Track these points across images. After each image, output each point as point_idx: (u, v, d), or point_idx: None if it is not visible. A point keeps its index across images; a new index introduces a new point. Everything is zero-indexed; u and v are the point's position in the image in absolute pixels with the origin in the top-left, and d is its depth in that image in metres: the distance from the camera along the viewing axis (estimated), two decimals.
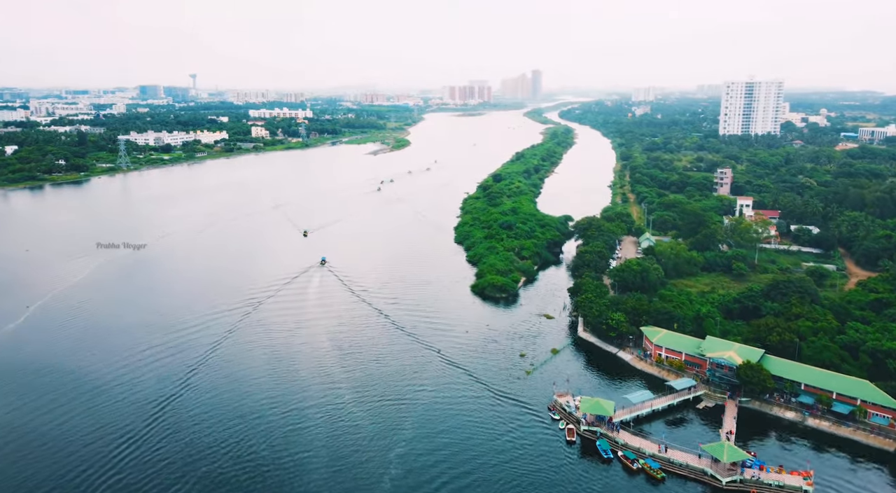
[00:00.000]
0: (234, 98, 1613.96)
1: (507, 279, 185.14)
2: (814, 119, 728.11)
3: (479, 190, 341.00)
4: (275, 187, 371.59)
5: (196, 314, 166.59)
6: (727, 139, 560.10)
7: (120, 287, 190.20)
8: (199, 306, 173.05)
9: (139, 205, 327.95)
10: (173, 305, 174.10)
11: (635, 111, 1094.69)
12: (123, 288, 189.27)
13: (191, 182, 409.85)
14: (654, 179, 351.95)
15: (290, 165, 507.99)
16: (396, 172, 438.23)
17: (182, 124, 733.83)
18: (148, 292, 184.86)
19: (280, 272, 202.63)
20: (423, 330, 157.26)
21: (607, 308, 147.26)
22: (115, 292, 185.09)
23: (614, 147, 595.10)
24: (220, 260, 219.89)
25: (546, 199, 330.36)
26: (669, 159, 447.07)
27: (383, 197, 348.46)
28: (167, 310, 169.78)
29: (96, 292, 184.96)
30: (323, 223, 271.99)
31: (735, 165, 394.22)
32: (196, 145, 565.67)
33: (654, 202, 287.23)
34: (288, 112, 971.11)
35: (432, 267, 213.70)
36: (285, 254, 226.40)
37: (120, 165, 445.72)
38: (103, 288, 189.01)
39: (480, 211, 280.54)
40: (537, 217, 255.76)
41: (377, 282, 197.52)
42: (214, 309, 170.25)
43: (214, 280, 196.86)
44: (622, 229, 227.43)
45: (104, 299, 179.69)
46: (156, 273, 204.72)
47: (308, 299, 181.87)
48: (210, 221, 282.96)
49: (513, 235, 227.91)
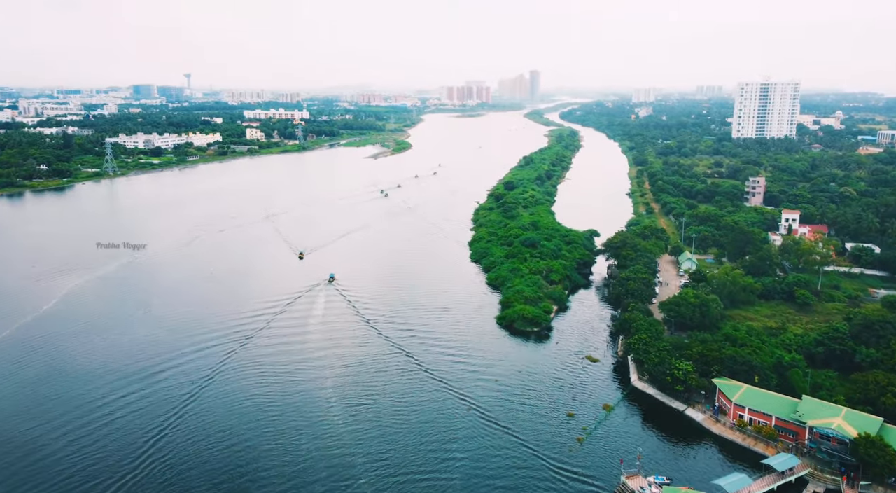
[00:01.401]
0: (229, 98, 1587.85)
1: (538, 310, 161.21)
2: (826, 121, 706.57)
3: (492, 199, 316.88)
4: (270, 195, 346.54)
5: (174, 352, 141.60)
6: (742, 142, 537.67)
7: (87, 319, 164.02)
8: (178, 340, 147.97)
9: (121, 215, 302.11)
10: (147, 339, 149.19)
11: (639, 113, 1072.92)
12: (91, 319, 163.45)
13: (180, 189, 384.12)
14: (677, 187, 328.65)
15: (287, 170, 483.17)
16: (402, 177, 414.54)
17: (174, 126, 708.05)
18: (119, 325, 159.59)
19: (277, 294, 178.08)
20: (447, 372, 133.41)
21: (668, 354, 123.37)
22: (83, 325, 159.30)
23: (624, 151, 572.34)
24: (205, 280, 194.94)
25: (562, 209, 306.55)
26: (687, 164, 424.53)
27: (390, 205, 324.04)
28: (140, 346, 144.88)
29: (61, 325, 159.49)
30: (324, 240, 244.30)
31: (759, 172, 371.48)
32: (188, 148, 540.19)
33: (684, 214, 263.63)
34: (284, 113, 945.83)
35: (449, 289, 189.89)
36: (282, 271, 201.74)
37: (106, 170, 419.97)
38: (70, 320, 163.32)
39: (496, 224, 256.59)
40: (561, 232, 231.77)
41: (389, 306, 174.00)
42: (195, 345, 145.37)
43: (198, 306, 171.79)
44: (659, 248, 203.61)
45: (69, 333, 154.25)
46: (129, 300, 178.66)
47: (310, 329, 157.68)
48: (196, 233, 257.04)
49: (538, 254, 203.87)
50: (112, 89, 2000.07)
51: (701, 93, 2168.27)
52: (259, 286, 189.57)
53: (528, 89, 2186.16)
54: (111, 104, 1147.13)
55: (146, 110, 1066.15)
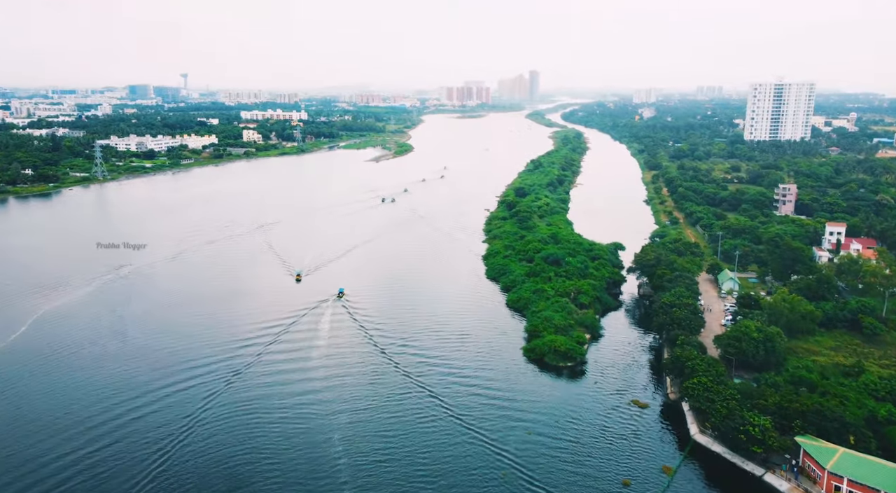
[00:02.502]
0: (226, 98, 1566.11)
1: (570, 341, 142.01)
2: (837, 123, 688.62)
3: (503, 207, 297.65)
4: (267, 202, 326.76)
5: (149, 393, 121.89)
6: (756, 145, 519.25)
7: (55, 352, 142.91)
8: (155, 379, 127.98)
9: (105, 225, 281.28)
10: (120, 377, 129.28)
11: (642, 113, 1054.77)
12: (59, 353, 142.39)
13: (172, 194, 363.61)
14: (699, 193, 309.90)
15: (285, 174, 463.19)
16: (409, 180, 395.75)
17: (169, 127, 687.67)
18: (90, 360, 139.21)
19: (269, 320, 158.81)
20: (474, 417, 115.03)
21: (738, 404, 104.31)
22: (47, 361, 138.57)
23: (634, 154, 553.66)
24: (187, 305, 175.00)
25: (578, 217, 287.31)
26: (704, 169, 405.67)
27: (398, 212, 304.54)
28: (113, 387, 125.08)
29: (25, 359, 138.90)
30: (325, 256, 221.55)
31: (782, 177, 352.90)
32: (182, 151, 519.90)
33: (712, 225, 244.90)
34: (282, 113, 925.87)
35: (467, 311, 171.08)
36: (275, 296, 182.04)
37: (95, 175, 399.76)
38: (36, 353, 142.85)
39: (512, 236, 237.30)
40: (584, 246, 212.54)
41: (403, 331, 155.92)
42: (174, 383, 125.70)
43: (179, 336, 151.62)
44: (696, 266, 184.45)
45: (31, 372, 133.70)
46: (104, 327, 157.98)
47: (313, 358, 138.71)
48: (183, 246, 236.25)
49: (563, 272, 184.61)
50: (108, 89, 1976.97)
51: (701, 93, 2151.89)
52: (248, 313, 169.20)
53: (527, 90, 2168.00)
54: (105, 105, 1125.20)
55: (141, 111, 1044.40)
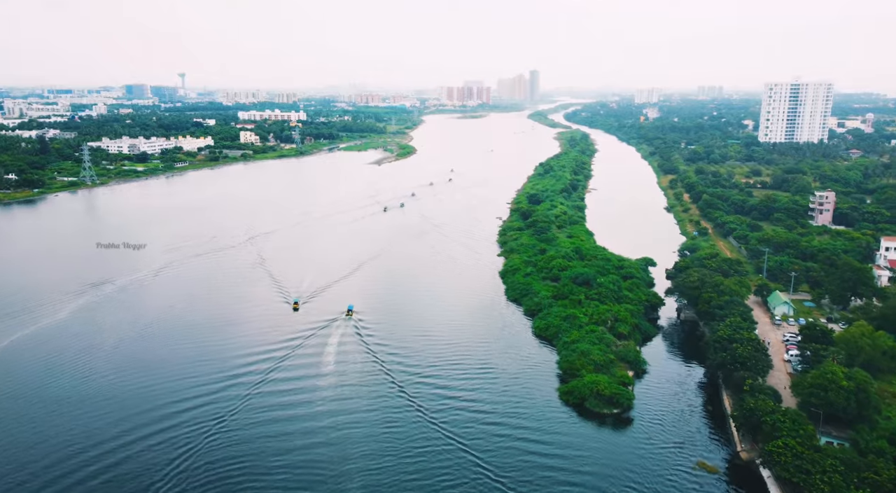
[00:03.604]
0: (224, 98, 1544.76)
1: (613, 381, 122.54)
2: (851, 124, 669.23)
3: (517, 216, 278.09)
4: (264, 209, 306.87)
5: (114, 445, 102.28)
6: (773, 147, 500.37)
7: (10, 399, 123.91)
8: (124, 431, 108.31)
9: (86, 236, 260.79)
10: (79, 425, 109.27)
11: (647, 114, 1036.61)
12: (16, 402, 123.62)
13: (163, 200, 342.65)
14: (724, 200, 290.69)
15: (284, 178, 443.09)
16: (416, 184, 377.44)
17: (164, 128, 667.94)
18: (38, 407, 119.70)
19: (270, 343, 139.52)
20: (515, 479, 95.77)
21: (842, 479, 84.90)
22: (8, 403, 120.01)
23: (645, 157, 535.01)
24: (168, 329, 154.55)
25: (597, 227, 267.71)
26: (724, 173, 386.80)
27: (407, 220, 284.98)
28: (76, 442, 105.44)
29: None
30: (327, 276, 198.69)
31: (810, 182, 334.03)
32: (176, 154, 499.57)
33: (747, 236, 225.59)
34: (280, 114, 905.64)
35: (489, 339, 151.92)
36: (272, 318, 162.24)
37: (83, 179, 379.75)
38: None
39: (530, 249, 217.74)
40: (613, 263, 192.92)
41: (420, 360, 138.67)
42: (147, 432, 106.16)
43: (155, 367, 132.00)
44: (745, 288, 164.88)
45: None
46: (66, 357, 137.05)
47: (318, 394, 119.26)
48: (169, 258, 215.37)
49: (594, 295, 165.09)
50: (104, 89, 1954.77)
51: (703, 93, 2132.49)
52: (237, 344, 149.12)
53: (527, 90, 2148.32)
54: (100, 105, 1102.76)
55: (137, 111, 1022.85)
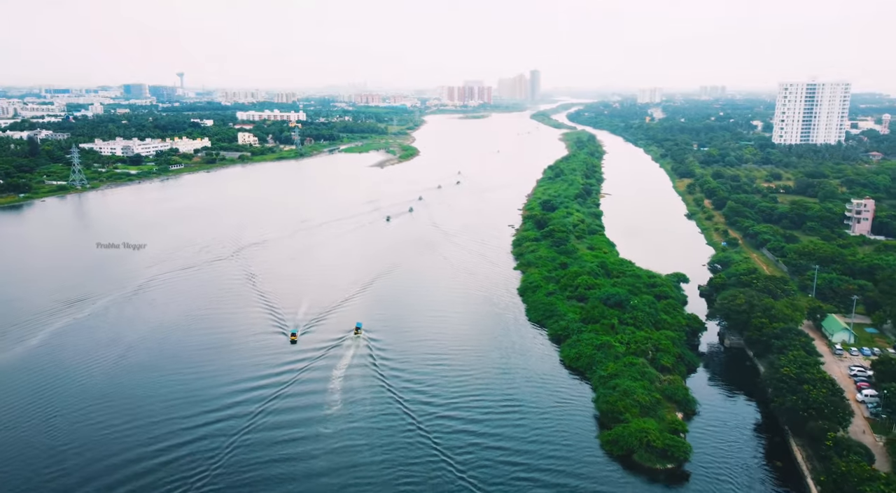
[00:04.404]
0: (223, 98, 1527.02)
1: (665, 431, 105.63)
2: (864, 125, 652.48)
3: (531, 224, 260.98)
4: (261, 215, 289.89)
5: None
6: (789, 149, 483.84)
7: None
8: (97, 476, 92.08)
9: (68, 246, 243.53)
10: (56, 475, 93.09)
11: (652, 114, 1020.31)
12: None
13: (154, 206, 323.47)
14: (750, 207, 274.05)
15: (283, 181, 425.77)
16: (423, 188, 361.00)
17: (160, 129, 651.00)
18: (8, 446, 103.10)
19: (266, 372, 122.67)
20: None
21: None
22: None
23: (656, 159, 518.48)
24: (145, 361, 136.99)
25: (617, 236, 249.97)
26: (742, 176, 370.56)
27: (417, 228, 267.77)
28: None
29: None
30: (330, 297, 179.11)
31: (836, 187, 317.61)
32: (172, 156, 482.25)
33: (783, 248, 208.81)
34: (279, 114, 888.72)
35: (512, 368, 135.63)
36: (266, 352, 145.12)
37: (73, 183, 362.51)
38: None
39: (550, 263, 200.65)
40: (643, 280, 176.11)
41: (439, 393, 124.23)
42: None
43: (134, 404, 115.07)
44: (798, 311, 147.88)
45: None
46: (30, 387, 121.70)
47: (324, 429, 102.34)
48: (151, 273, 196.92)
49: (628, 319, 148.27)
50: (102, 89, 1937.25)
51: (705, 93, 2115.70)
52: (224, 381, 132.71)
53: (528, 89, 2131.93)
54: (97, 104, 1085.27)
55: (134, 111, 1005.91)
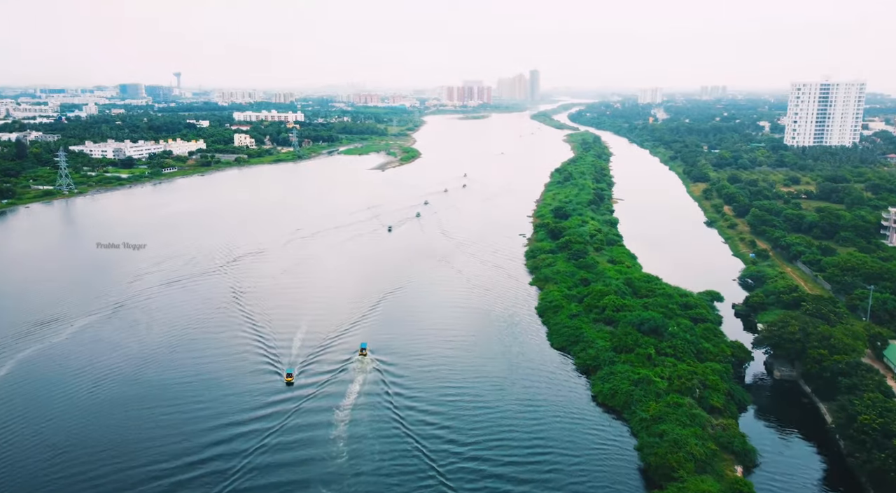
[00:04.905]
0: (220, 98, 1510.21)
1: (721, 489, 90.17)
2: (875, 126, 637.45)
3: (544, 233, 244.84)
4: (257, 220, 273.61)
5: None
6: (802, 151, 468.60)
7: None
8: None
9: (44, 257, 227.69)
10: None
11: (656, 115, 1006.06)
12: None
13: (143, 213, 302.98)
14: (775, 214, 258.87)
15: (281, 185, 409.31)
16: (429, 192, 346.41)
17: (155, 130, 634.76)
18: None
19: (259, 415, 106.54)
20: None
21: None
22: None
23: (664, 161, 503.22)
24: (122, 397, 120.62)
25: (637, 247, 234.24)
26: (759, 181, 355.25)
27: (425, 236, 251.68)
28: None
29: None
30: (332, 324, 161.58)
31: (863, 195, 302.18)
32: (165, 158, 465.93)
33: (821, 262, 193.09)
34: (276, 115, 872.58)
35: (540, 403, 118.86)
36: (258, 383, 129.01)
37: (60, 188, 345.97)
38: None
39: (569, 278, 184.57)
40: (675, 300, 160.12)
41: (459, 434, 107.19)
42: None
43: (101, 450, 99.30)
44: (859, 340, 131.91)
45: None
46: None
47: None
48: (131, 291, 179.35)
49: (667, 348, 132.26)
50: (98, 89, 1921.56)
51: (706, 93, 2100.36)
52: (206, 426, 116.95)
53: (527, 89, 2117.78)
54: (91, 105, 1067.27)
55: (129, 112, 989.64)
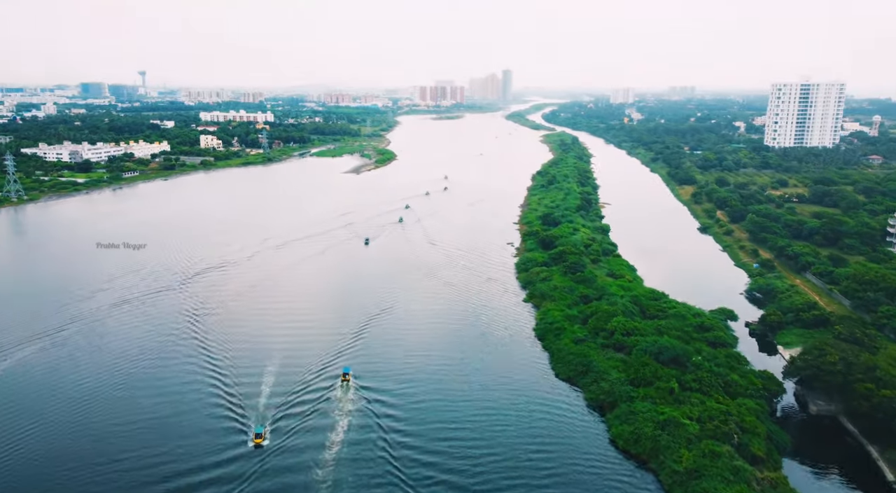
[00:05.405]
0: (186, 98, 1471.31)
1: None
2: (850, 126, 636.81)
3: (534, 242, 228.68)
4: (220, 230, 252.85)
5: None
6: (784, 152, 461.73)
7: None
8: None
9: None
10: None
11: (630, 114, 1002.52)
12: None
13: (100, 223, 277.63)
14: (774, 220, 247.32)
15: (249, 190, 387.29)
16: (409, 195, 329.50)
17: (116, 131, 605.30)
18: None
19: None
20: None
21: None
22: None
23: (646, 163, 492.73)
24: (64, 441, 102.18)
25: (631, 256, 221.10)
26: (748, 183, 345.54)
27: (410, 245, 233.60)
28: None
29: None
30: (309, 361, 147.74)
31: (857, 198, 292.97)
32: (125, 162, 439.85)
33: (833, 274, 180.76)
34: (245, 115, 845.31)
35: (549, 447, 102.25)
36: (220, 446, 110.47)
37: (8, 195, 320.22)
38: None
39: (568, 295, 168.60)
40: (689, 320, 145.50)
41: (461, 483, 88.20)
42: None
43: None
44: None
45: None
46: None
47: None
48: (73, 312, 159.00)
49: (691, 381, 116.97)
50: (59, 88, 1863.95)
51: (675, 93, 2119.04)
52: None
53: (499, 89, 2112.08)
54: (49, 104, 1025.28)
55: (90, 111, 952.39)
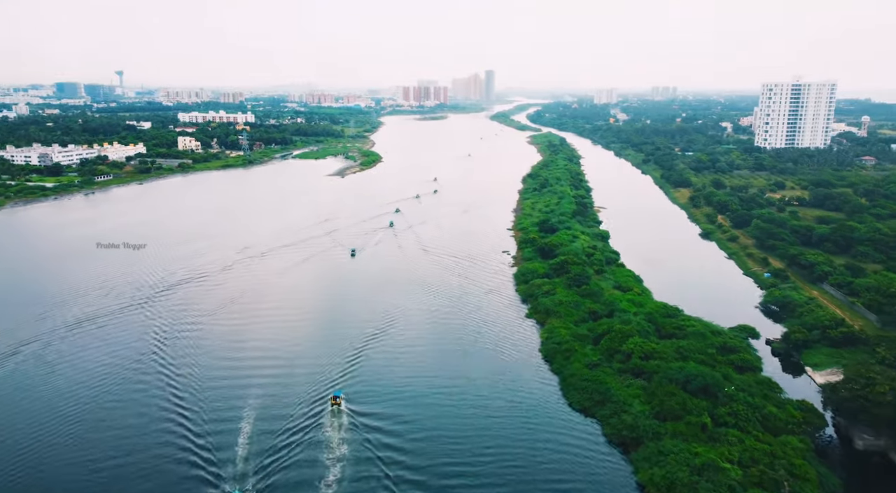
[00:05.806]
0: (164, 98, 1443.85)
1: None
2: (838, 127, 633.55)
3: (532, 251, 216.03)
4: (196, 239, 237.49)
5: None
6: (776, 154, 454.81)
7: None
8: None
9: None
10: None
11: (616, 115, 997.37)
12: None
13: (69, 231, 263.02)
14: (781, 225, 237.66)
15: (229, 194, 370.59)
16: (400, 198, 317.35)
17: (90, 132, 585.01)
18: None
19: None
20: None
21: None
22: None
23: (637, 165, 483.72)
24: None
25: (632, 264, 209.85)
26: (745, 186, 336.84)
27: (402, 253, 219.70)
28: None
29: None
30: (295, 396, 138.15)
31: (860, 201, 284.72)
32: (99, 165, 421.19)
33: (852, 286, 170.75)
34: (225, 115, 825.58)
35: (568, 490, 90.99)
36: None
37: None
38: None
39: (575, 311, 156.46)
40: (710, 340, 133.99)
41: None
42: None
43: None
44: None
45: None
46: None
47: None
48: (30, 332, 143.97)
49: (726, 415, 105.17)
50: (33, 87, 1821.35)
51: (657, 94, 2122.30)
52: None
53: (482, 90, 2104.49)
54: (21, 105, 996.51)
55: (65, 112, 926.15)
